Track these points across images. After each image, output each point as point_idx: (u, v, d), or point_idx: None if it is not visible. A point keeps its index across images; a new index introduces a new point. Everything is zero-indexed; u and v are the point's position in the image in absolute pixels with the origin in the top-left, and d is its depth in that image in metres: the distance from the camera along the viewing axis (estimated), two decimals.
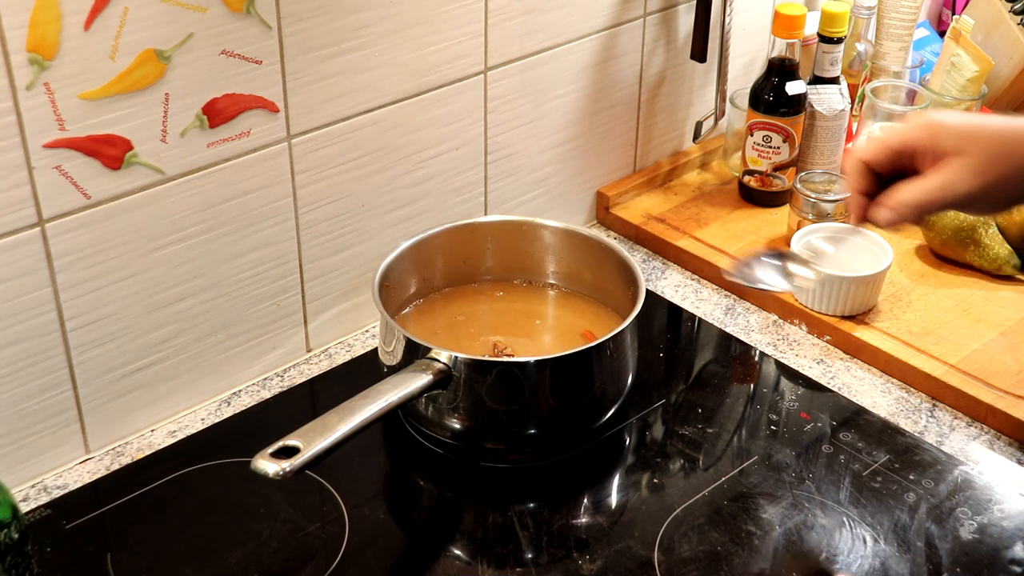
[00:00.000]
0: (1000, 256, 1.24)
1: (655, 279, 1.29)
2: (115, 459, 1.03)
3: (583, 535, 0.95)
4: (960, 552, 0.93)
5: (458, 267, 1.14)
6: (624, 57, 1.31)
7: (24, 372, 0.96)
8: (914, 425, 1.08)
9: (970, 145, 0.72)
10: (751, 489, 1.00)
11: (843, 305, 1.17)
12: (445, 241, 1.12)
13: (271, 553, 0.93)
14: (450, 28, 1.12)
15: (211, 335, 1.07)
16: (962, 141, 0.72)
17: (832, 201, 1.25)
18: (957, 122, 0.73)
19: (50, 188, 0.91)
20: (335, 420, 0.88)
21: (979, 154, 0.71)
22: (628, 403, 1.07)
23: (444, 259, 1.13)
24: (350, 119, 1.09)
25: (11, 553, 0.75)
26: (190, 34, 0.94)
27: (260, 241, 1.07)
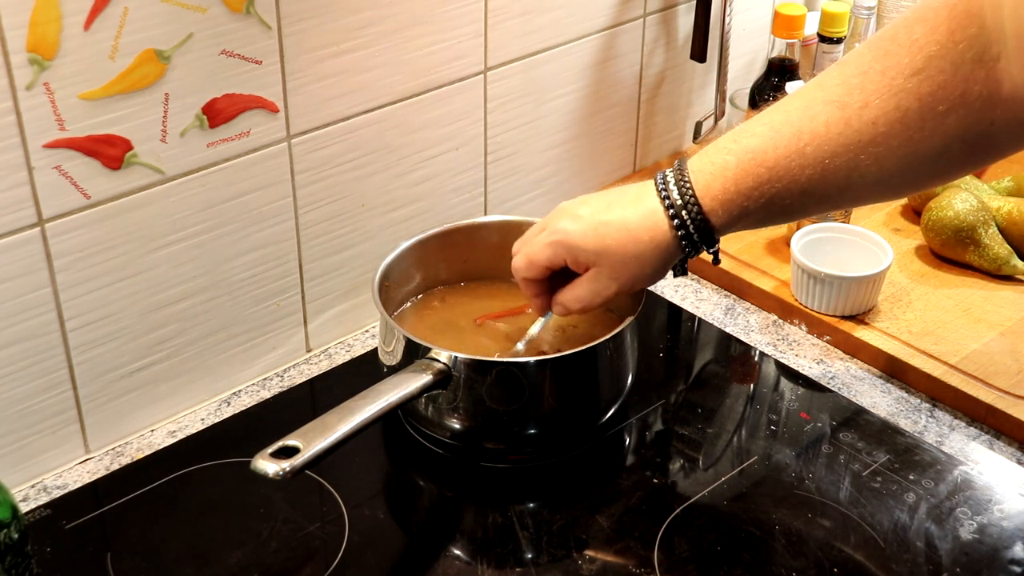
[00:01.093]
0: (1000, 256, 1.24)
1: None
2: (115, 459, 1.03)
3: (583, 535, 0.95)
4: (960, 552, 0.93)
5: (458, 267, 1.14)
6: (624, 57, 1.32)
7: (24, 372, 0.96)
8: (914, 425, 1.08)
9: (600, 259, 0.87)
10: (751, 489, 1.00)
11: (843, 305, 1.17)
12: (445, 241, 1.12)
13: (271, 553, 0.93)
14: (450, 28, 1.12)
15: (211, 335, 1.07)
16: (595, 256, 0.87)
17: None
18: (588, 238, 0.86)
19: (50, 188, 0.91)
20: (335, 420, 0.88)
21: (609, 265, 0.87)
22: (628, 403, 1.07)
23: (444, 259, 1.12)
24: (350, 119, 1.09)
25: (11, 553, 0.75)
26: (190, 34, 0.94)
27: (260, 241, 1.07)
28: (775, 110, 0.82)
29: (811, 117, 0.79)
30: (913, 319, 1.18)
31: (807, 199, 0.83)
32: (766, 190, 0.81)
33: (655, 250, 0.86)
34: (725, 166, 0.82)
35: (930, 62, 0.75)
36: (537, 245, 0.90)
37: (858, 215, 1.32)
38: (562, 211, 0.90)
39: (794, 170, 0.80)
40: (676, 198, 0.84)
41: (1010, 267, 1.24)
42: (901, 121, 0.76)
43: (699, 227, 0.84)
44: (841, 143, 0.78)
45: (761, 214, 0.84)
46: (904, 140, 0.77)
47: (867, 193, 0.85)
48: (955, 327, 1.17)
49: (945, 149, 0.78)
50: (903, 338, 1.15)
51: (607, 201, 0.88)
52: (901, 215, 1.36)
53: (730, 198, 0.82)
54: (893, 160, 0.78)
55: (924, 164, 0.80)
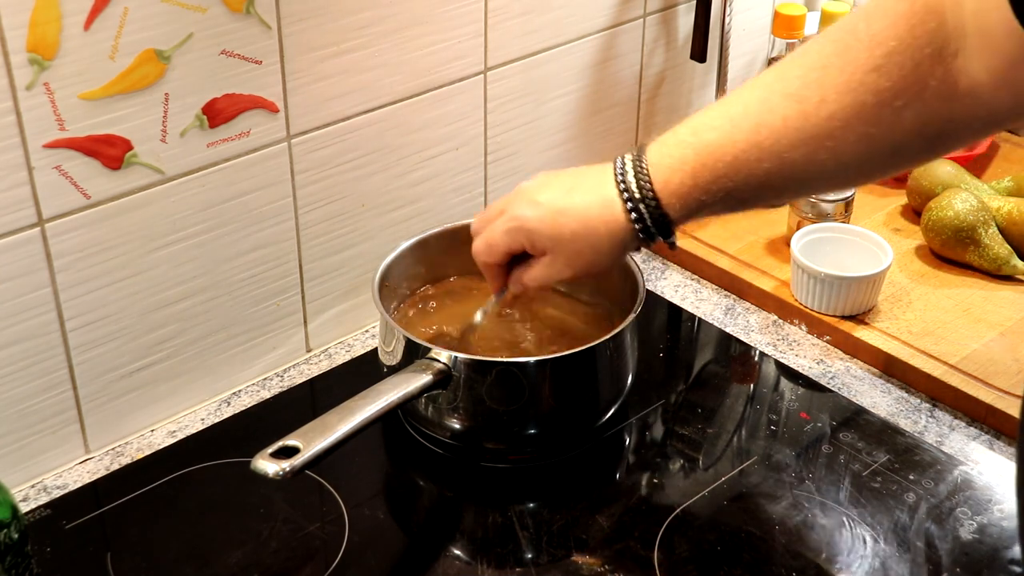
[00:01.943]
0: (1000, 256, 1.24)
1: (655, 279, 1.29)
2: (115, 459, 1.03)
3: (583, 535, 0.95)
4: (960, 552, 0.93)
5: (458, 267, 1.14)
6: (624, 57, 1.32)
7: (24, 372, 0.96)
8: (914, 425, 1.08)
9: (557, 246, 0.87)
10: (751, 489, 1.00)
11: (843, 305, 1.18)
12: (445, 241, 1.12)
13: (271, 553, 0.93)
14: (450, 28, 1.12)
15: (211, 335, 1.07)
16: (552, 244, 0.87)
17: (832, 201, 1.25)
18: (546, 224, 0.87)
19: (50, 188, 0.91)
20: (335, 420, 0.88)
21: (565, 253, 0.88)
22: (628, 403, 1.07)
23: (444, 259, 1.12)
24: (350, 119, 1.09)
25: (11, 553, 0.75)
26: (190, 34, 0.94)
27: (260, 241, 1.07)
28: (733, 101, 0.82)
29: (769, 110, 0.79)
30: (913, 319, 1.18)
31: (765, 191, 0.84)
32: (724, 183, 0.81)
33: (611, 239, 0.86)
34: (683, 159, 0.82)
35: (889, 58, 0.75)
36: (496, 231, 0.90)
37: (858, 215, 1.32)
38: (521, 194, 0.90)
39: (752, 163, 0.80)
40: (634, 191, 0.83)
41: (1010, 267, 1.24)
42: (858, 116, 0.77)
43: (656, 220, 0.84)
44: (799, 138, 0.79)
45: (718, 206, 0.84)
46: (861, 135, 0.77)
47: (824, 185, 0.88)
48: (955, 327, 1.17)
49: (902, 143, 0.79)
50: (903, 338, 1.15)
51: (566, 187, 0.88)
52: (901, 215, 1.36)
53: (687, 191, 0.82)
54: (850, 154, 0.79)
55: (881, 156, 0.80)
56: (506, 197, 0.92)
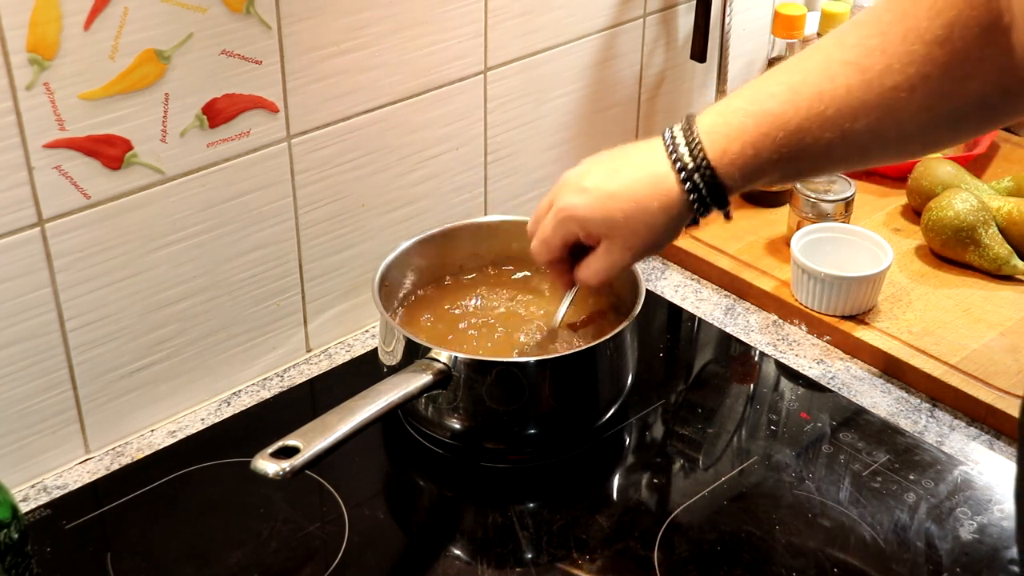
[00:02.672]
0: (1000, 256, 1.24)
1: (655, 279, 1.29)
2: (115, 459, 1.03)
3: (583, 535, 0.95)
4: (960, 552, 0.93)
5: (458, 267, 1.14)
6: (624, 57, 1.32)
7: (24, 372, 0.96)
8: (914, 425, 1.08)
9: (611, 231, 0.86)
10: (751, 489, 1.00)
11: (843, 305, 1.18)
12: (445, 241, 1.12)
13: (271, 553, 0.93)
14: (450, 28, 1.12)
15: (211, 335, 1.07)
16: (606, 230, 0.86)
17: (832, 201, 1.25)
18: (596, 211, 0.85)
19: (50, 188, 0.91)
20: (335, 420, 0.88)
21: (621, 236, 0.86)
22: (628, 403, 1.07)
23: (444, 259, 1.12)
24: (350, 119, 1.09)
25: (11, 553, 0.75)
26: (190, 34, 0.94)
27: (260, 241, 1.07)
28: (792, 69, 0.80)
29: (831, 78, 0.78)
30: (913, 319, 1.18)
31: (824, 161, 0.82)
32: (785, 153, 0.80)
33: (665, 216, 0.84)
34: (743, 129, 0.80)
35: (950, 29, 0.74)
36: (548, 227, 0.89)
37: (858, 215, 1.32)
38: (567, 184, 0.88)
39: (815, 132, 0.79)
40: (688, 161, 0.81)
41: (1010, 267, 1.24)
42: (923, 87, 0.76)
43: (712, 190, 0.82)
44: (862, 107, 0.77)
45: (776, 175, 0.83)
46: (924, 106, 0.77)
47: (884, 155, 0.85)
48: (955, 327, 1.17)
49: (963, 114, 0.78)
50: (903, 338, 1.15)
51: (612, 168, 0.86)
52: (901, 215, 1.36)
53: (747, 162, 0.81)
54: (913, 124, 0.78)
55: (942, 127, 0.80)
56: (552, 190, 0.90)
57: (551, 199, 0.90)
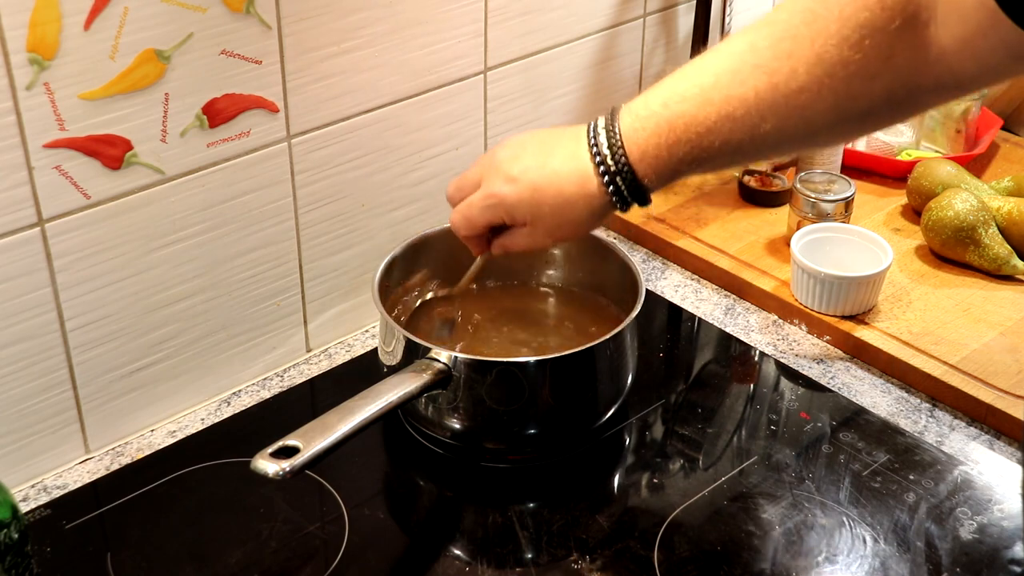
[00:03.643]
0: (1000, 256, 1.24)
1: (655, 279, 1.29)
2: (115, 459, 1.03)
3: (583, 535, 0.95)
4: (960, 552, 0.93)
5: (458, 267, 1.13)
6: (624, 57, 1.32)
7: (24, 372, 0.96)
8: (914, 425, 1.08)
9: (536, 219, 0.89)
10: (751, 489, 1.00)
11: (843, 305, 1.17)
12: (445, 241, 1.11)
13: (271, 553, 0.93)
14: (450, 28, 1.12)
15: (211, 335, 1.07)
16: (531, 216, 0.89)
17: (832, 201, 1.25)
18: (524, 201, 0.88)
19: (50, 188, 0.91)
20: (335, 420, 0.88)
21: (545, 226, 0.89)
22: (628, 403, 1.07)
23: (444, 259, 1.12)
24: (350, 119, 1.09)
25: (11, 553, 0.75)
26: (190, 34, 0.94)
27: (260, 241, 1.07)
28: (703, 70, 0.82)
29: (741, 82, 0.80)
30: (913, 319, 1.18)
31: (737, 157, 0.85)
32: (698, 153, 0.83)
33: (589, 210, 0.87)
34: (657, 131, 0.83)
35: (859, 31, 0.76)
36: (475, 207, 0.91)
37: (858, 215, 1.32)
38: (496, 168, 0.90)
39: (725, 133, 0.81)
40: (610, 164, 0.84)
41: (1010, 267, 1.24)
42: (829, 87, 0.78)
43: (632, 190, 0.85)
44: (771, 108, 0.80)
45: (693, 172, 0.85)
46: (832, 105, 0.79)
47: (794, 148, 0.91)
48: (955, 327, 1.17)
49: (871, 110, 0.80)
50: (903, 338, 1.15)
51: (540, 158, 0.88)
52: (901, 215, 1.36)
53: (663, 163, 0.83)
54: (821, 122, 0.80)
55: (851, 123, 0.82)
56: (479, 164, 0.92)
57: (478, 177, 0.92)
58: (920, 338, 1.15)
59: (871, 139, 1.46)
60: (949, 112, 1.46)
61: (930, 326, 1.17)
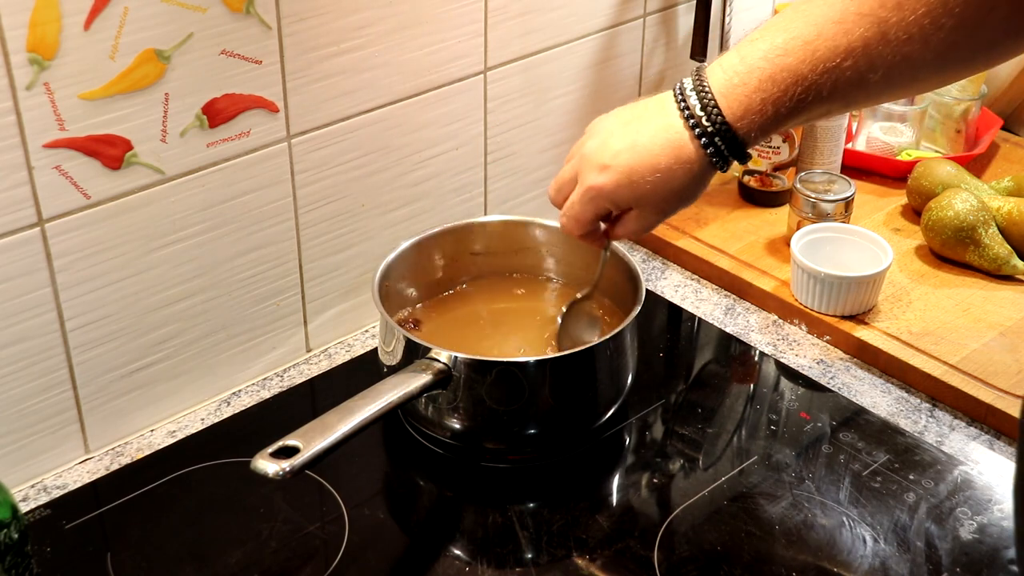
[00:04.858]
0: (1000, 256, 1.24)
1: (655, 279, 1.29)
2: (115, 459, 1.03)
3: (583, 535, 0.95)
4: (960, 552, 0.93)
5: (458, 267, 1.14)
6: (624, 57, 1.32)
7: (24, 372, 0.96)
8: (914, 425, 1.08)
9: (641, 201, 0.88)
10: (751, 489, 1.00)
11: (843, 305, 1.17)
12: (445, 241, 1.12)
13: (271, 553, 0.93)
14: (450, 28, 1.12)
15: (211, 335, 1.07)
16: (635, 199, 0.88)
17: (832, 201, 1.25)
18: (623, 186, 0.87)
19: (50, 188, 0.91)
20: (335, 420, 0.88)
21: (651, 204, 0.88)
22: (628, 403, 1.07)
23: (444, 259, 1.12)
24: (350, 119, 1.09)
25: (11, 553, 0.75)
26: (190, 34, 0.94)
27: (260, 241, 1.07)
28: (806, 20, 0.80)
29: (846, 32, 0.78)
30: (913, 319, 1.18)
31: (842, 108, 0.84)
32: (804, 106, 0.81)
33: (690, 178, 0.86)
34: (760, 87, 0.81)
35: None
36: (577, 204, 0.91)
37: (858, 215, 1.32)
38: (587, 161, 0.90)
39: (832, 84, 0.80)
40: (706, 124, 0.83)
41: (1010, 267, 1.24)
42: (936, 38, 0.77)
43: (732, 148, 0.84)
44: (879, 60, 0.78)
45: (793, 124, 0.84)
46: (938, 54, 0.78)
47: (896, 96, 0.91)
48: (955, 327, 1.17)
49: (974, 57, 0.80)
50: (903, 338, 1.15)
51: (628, 139, 0.87)
52: (901, 215, 1.36)
53: (765, 119, 0.82)
54: (927, 71, 0.80)
55: (956, 69, 0.82)
56: (574, 160, 0.92)
57: (574, 173, 0.91)
58: (920, 338, 1.15)
59: (871, 139, 1.46)
60: (949, 112, 1.46)
61: (930, 326, 1.17)
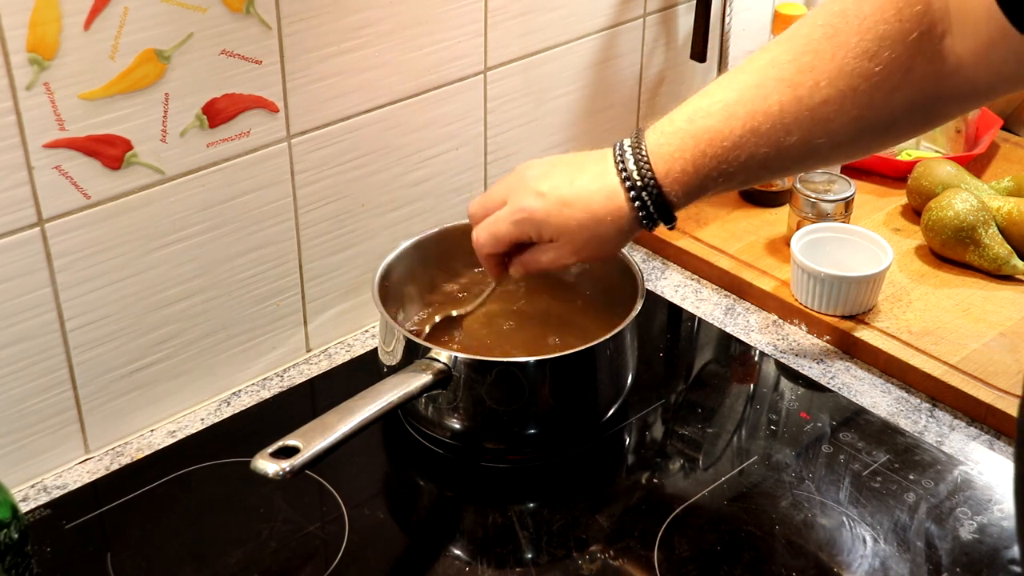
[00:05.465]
0: (1000, 256, 1.24)
1: (655, 279, 1.29)
2: (115, 459, 1.03)
3: (583, 535, 0.95)
4: (960, 552, 0.93)
5: (458, 267, 1.14)
6: (624, 57, 1.32)
7: (24, 372, 0.96)
8: (914, 425, 1.08)
9: (564, 236, 0.89)
10: (751, 489, 1.00)
11: (843, 305, 1.17)
12: (445, 241, 1.12)
13: (271, 553, 0.93)
14: (450, 28, 1.12)
15: (211, 335, 1.07)
16: (558, 232, 0.88)
17: (832, 201, 1.25)
18: (552, 216, 0.88)
19: (50, 188, 0.91)
20: (335, 420, 0.88)
21: (572, 242, 0.89)
22: (628, 403, 1.07)
23: (444, 259, 1.12)
24: (350, 119, 1.09)
25: (11, 553, 0.75)
26: (190, 34, 0.94)
27: (260, 241, 1.07)
28: (727, 86, 0.83)
29: (764, 97, 0.81)
30: (913, 319, 1.18)
31: (763, 172, 0.86)
32: (724, 169, 0.83)
33: (616, 228, 0.88)
34: (682, 147, 0.83)
35: (879, 42, 0.77)
36: (503, 223, 0.91)
37: (858, 215, 1.32)
38: (524, 184, 0.90)
39: (750, 148, 0.82)
40: (636, 180, 0.85)
41: (1010, 267, 1.24)
42: (852, 100, 0.79)
43: (659, 207, 0.86)
44: (795, 122, 0.81)
45: (719, 187, 0.86)
46: (855, 117, 0.80)
47: (819, 163, 0.91)
48: (955, 327, 1.17)
49: (894, 121, 0.82)
50: (903, 338, 1.15)
51: (568, 176, 0.89)
52: (901, 215, 1.36)
53: (688, 180, 0.84)
54: (844, 134, 0.81)
55: (874, 135, 0.84)
56: (504, 183, 0.92)
57: (503, 196, 0.92)
58: (920, 338, 1.15)
59: None
60: None
61: (930, 326, 1.17)
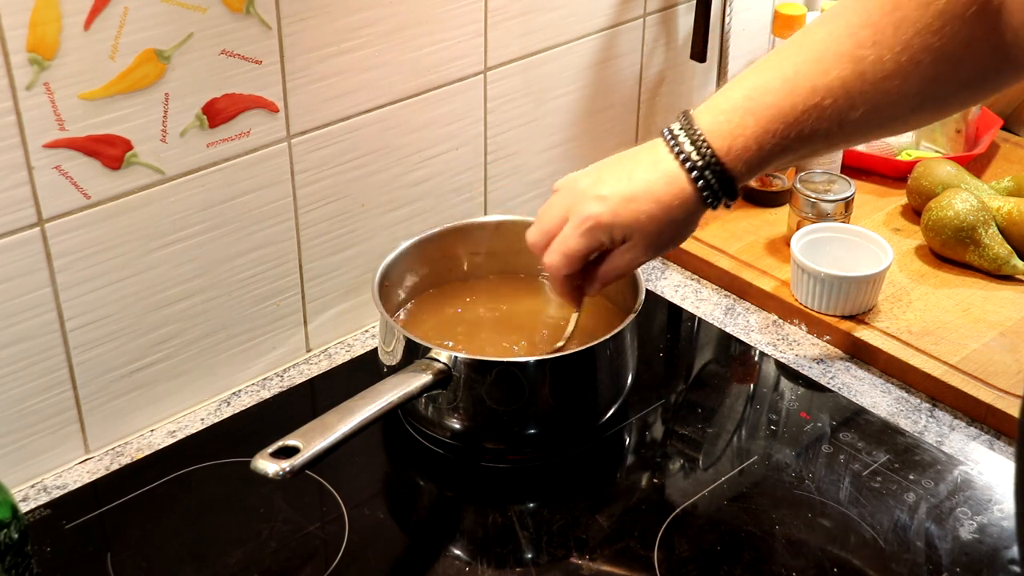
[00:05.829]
0: (1000, 256, 1.24)
1: (655, 279, 1.29)
2: (115, 459, 1.03)
3: (583, 535, 0.95)
4: (960, 552, 0.93)
5: (458, 267, 1.14)
6: (624, 57, 1.32)
7: (24, 372, 0.96)
8: (914, 425, 1.08)
9: (636, 232, 0.88)
10: (751, 489, 1.00)
11: (843, 305, 1.17)
12: (445, 241, 1.12)
13: (271, 553, 0.93)
14: (450, 28, 1.12)
15: (211, 335, 1.07)
16: (629, 232, 0.88)
17: (832, 201, 1.25)
18: (620, 215, 0.87)
19: (50, 188, 0.91)
20: (335, 420, 0.88)
21: (645, 236, 0.88)
22: (628, 403, 1.07)
23: (444, 259, 1.12)
24: (350, 119, 1.09)
25: (11, 553, 0.75)
26: (190, 34, 0.94)
27: (260, 241, 1.07)
28: (786, 60, 0.83)
29: (824, 71, 0.80)
30: (913, 319, 1.18)
31: (827, 146, 0.86)
32: (786, 143, 0.83)
33: (684, 212, 0.87)
34: (743, 124, 0.82)
35: (940, 18, 0.77)
36: (571, 239, 0.89)
37: (858, 215, 1.32)
38: (581, 195, 0.89)
39: (812, 123, 0.81)
40: (697, 159, 0.84)
41: (1010, 267, 1.24)
42: (916, 74, 0.79)
43: (723, 184, 0.85)
44: (858, 97, 0.80)
45: (782, 161, 0.86)
46: (918, 90, 0.80)
47: (882, 134, 0.90)
48: (955, 327, 1.17)
49: (956, 93, 0.82)
50: (903, 338, 1.15)
51: (623, 172, 0.88)
52: (901, 215, 1.36)
53: (751, 156, 0.83)
54: (907, 107, 0.81)
55: (936, 106, 0.84)
56: (556, 203, 0.91)
57: (564, 213, 0.90)
58: (920, 338, 1.15)
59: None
60: None
61: (930, 326, 1.17)
